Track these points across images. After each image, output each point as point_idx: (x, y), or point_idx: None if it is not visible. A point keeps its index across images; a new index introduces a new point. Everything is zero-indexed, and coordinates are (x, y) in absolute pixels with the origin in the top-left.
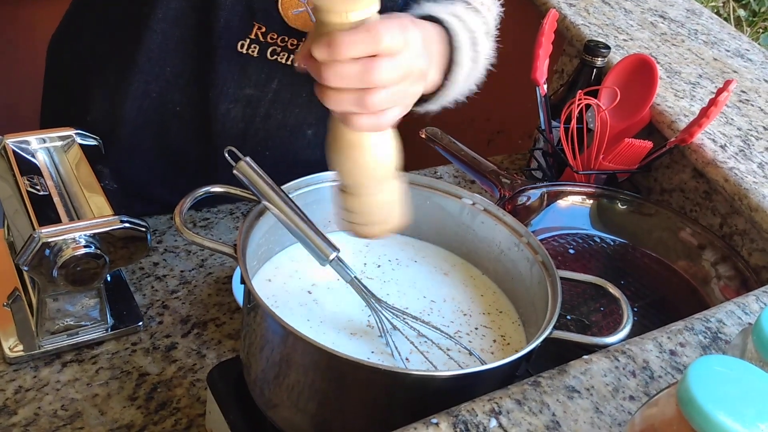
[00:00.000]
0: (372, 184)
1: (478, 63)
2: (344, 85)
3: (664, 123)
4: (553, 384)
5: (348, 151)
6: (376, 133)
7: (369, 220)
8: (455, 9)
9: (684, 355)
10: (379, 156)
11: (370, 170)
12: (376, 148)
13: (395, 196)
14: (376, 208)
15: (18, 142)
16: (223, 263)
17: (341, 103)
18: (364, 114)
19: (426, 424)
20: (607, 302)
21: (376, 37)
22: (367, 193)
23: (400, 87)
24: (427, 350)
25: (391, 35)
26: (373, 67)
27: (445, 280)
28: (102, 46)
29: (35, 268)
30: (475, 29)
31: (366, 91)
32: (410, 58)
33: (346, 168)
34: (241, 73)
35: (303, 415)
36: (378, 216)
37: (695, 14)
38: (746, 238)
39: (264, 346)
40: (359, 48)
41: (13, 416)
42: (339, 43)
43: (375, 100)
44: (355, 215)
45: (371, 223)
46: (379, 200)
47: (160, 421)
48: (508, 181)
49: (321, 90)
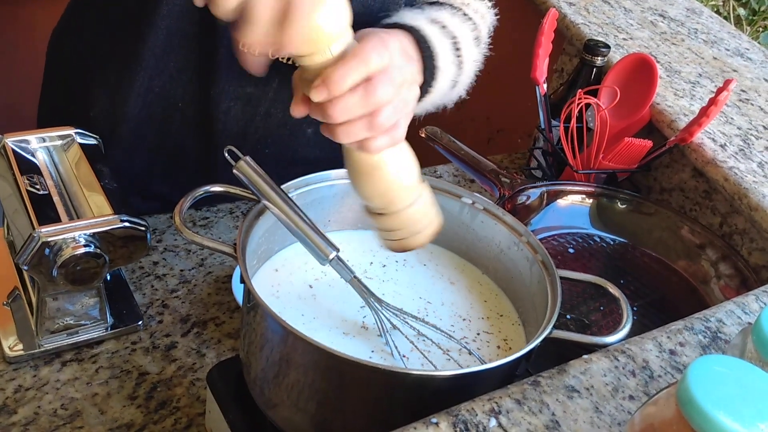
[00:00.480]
0: (403, 197)
1: (464, 68)
2: (352, 116)
3: (663, 122)
4: (553, 383)
5: (372, 175)
6: (393, 148)
7: (410, 231)
8: (439, 15)
9: (684, 354)
10: (401, 169)
11: (397, 186)
12: (397, 163)
13: (427, 200)
14: (414, 218)
15: (18, 142)
16: (222, 262)
17: (353, 133)
18: (378, 135)
19: (426, 423)
20: (607, 302)
21: (365, 60)
22: (402, 208)
23: (400, 97)
24: (427, 350)
25: (377, 53)
26: (373, 89)
27: (445, 282)
28: (104, 42)
29: (35, 268)
30: (459, 35)
31: (373, 113)
32: (399, 68)
33: (375, 191)
34: (242, 72)
35: (303, 415)
36: (418, 225)
37: (695, 13)
38: (746, 237)
39: (264, 346)
40: (354, 77)
41: (12, 415)
42: (335, 80)
43: (384, 119)
44: (397, 232)
45: (414, 233)
46: (414, 210)
47: (159, 420)
48: (508, 181)
49: (329, 128)
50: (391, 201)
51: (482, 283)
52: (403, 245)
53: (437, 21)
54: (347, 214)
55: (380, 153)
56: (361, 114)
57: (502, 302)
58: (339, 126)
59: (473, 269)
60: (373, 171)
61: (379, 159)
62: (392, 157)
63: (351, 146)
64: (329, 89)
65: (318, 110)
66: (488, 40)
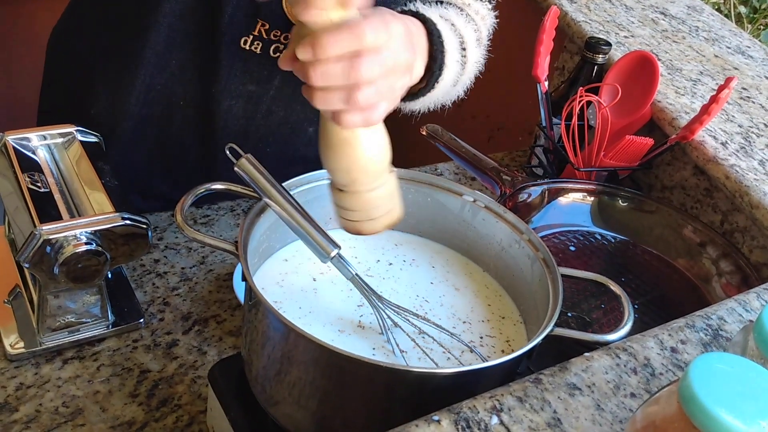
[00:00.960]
0: (366, 179)
1: (466, 68)
2: (330, 83)
3: (665, 120)
4: (555, 381)
5: (340, 149)
6: (367, 129)
7: (367, 215)
8: (446, 12)
9: (685, 352)
10: (371, 151)
11: (363, 166)
12: (368, 144)
13: (390, 190)
14: (373, 204)
15: (18, 139)
16: (223, 260)
17: (329, 101)
18: (352, 111)
19: (428, 421)
20: (608, 299)
21: (359, 35)
22: (362, 190)
23: (386, 82)
24: (428, 347)
25: (374, 31)
26: (357, 64)
27: (445, 279)
28: (105, 40)
29: (36, 265)
30: (465, 35)
31: (353, 87)
32: (395, 52)
33: (339, 166)
34: (244, 70)
35: (304, 412)
36: (375, 211)
37: (696, 11)
38: (747, 235)
39: (265, 343)
40: (343, 46)
41: (14, 413)
42: (323, 43)
43: (362, 97)
44: (353, 212)
45: (369, 219)
46: (374, 195)
47: (161, 417)
48: (509, 178)
49: (308, 90)
50: (353, 180)
51: (483, 281)
52: (356, 227)
53: (447, 19)
54: None
55: (352, 130)
56: (341, 85)
57: (503, 300)
58: (317, 90)
59: (474, 267)
60: (341, 145)
61: (350, 135)
62: (364, 137)
63: (326, 115)
64: (314, 50)
65: (300, 68)
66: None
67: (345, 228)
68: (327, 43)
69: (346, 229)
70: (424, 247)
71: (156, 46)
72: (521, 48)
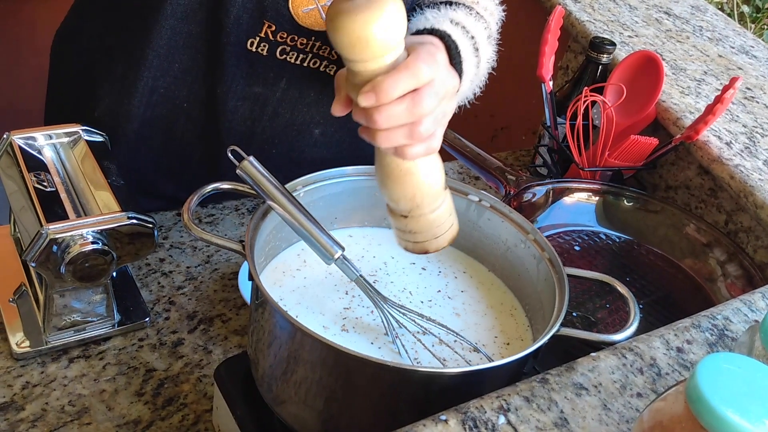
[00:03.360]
0: (429, 202)
1: (480, 68)
2: (395, 124)
3: (669, 120)
4: (561, 381)
5: (403, 180)
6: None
7: (431, 235)
8: (456, 15)
9: (691, 352)
10: (432, 176)
11: (425, 191)
12: (428, 169)
13: (449, 206)
14: (436, 223)
15: (24, 139)
16: (228, 259)
17: (393, 140)
18: (416, 144)
19: (435, 420)
20: (613, 299)
21: (416, 73)
22: (426, 213)
23: (440, 109)
24: (434, 347)
25: (428, 66)
26: (419, 101)
27: (451, 279)
28: (109, 41)
29: (42, 264)
30: (477, 35)
31: (414, 123)
32: (444, 81)
33: (404, 195)
34: (250, 71)
35: (310, 411)
36: (439, 230)
37: (700, 10)
38: (752, 235)
39: (272, 342)
40: (404, 87)
41: (21, 411)
42: (384, 88)
43: (424, 129)
44: (418, 234)
45: (433, 237)
46: (437, 215)
47: (167, 416)
48: (514, 178)
49: (369, 132)
50: (417, 205)
51: (489, 281)
52: (422, 248)
53: (457, 22)
54: (354, 212)
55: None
56: (404, 122)
57: (508, 300)
58: (380, 131)
59: (480, 267)
60: (404, 176)
61: (412, 165)
62: (424, 163)
63: (387, 151)
64: (378, 96)
65: (362, 114)
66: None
67: (410, 250)
68: (390, 88)
69: (411, 251)
70: None
71: (159, 49)
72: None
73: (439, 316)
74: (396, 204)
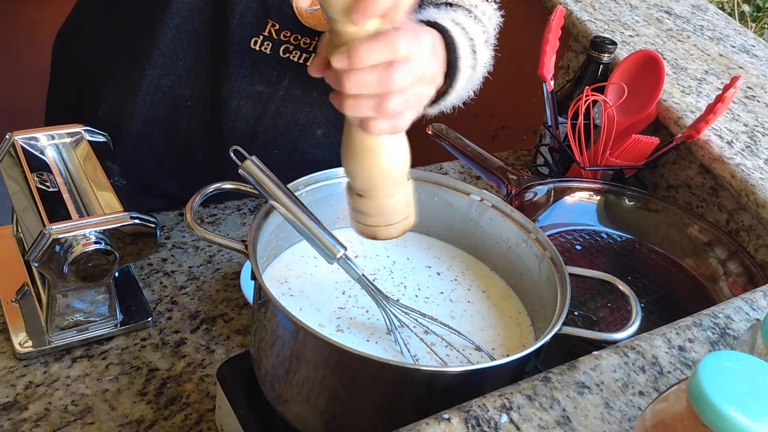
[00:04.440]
0: (387, 186)
1: (477, 70)
2: (364, 92)
3: (670, 119)
4: (563, 380)
5: (364, 155)
6: (391, 137)
7: (383, 221)
8: (456, 16)
9: (693, 350)
10: (393, 159)
11: (385, 173)
12: (391, 151)
13: (408, 197)
14: (391, 210)
15: (27, 139)
16: (230, 259)
17: (359, 108)
18: (381, 118)
19: (438, 419)
20: (615, 298)
21: (394, 45)
22: (381, 196)
23: (415, 91)
24: (436, 346)
25: (408, 41)
26: (391, 73)
27: (452, 279)
28: (112, 40)
29: (45, 264)
30: (475, 37)
31: (384, 96)
32: (423, 63)
33: (362, 172)
34: (253, 70)
35: (313, 411)
36: (393, 217)
37: (700, 10)
38: (753, 234)
39: (274, 342)
40: (378, 56)
41: (24, 411)
42: (359, 53)
43: (392, 105)
44: (370, 218)
45: (385, 224)
46: (392, 202)
47: (170, 416)
48: (515, 177)
49: (338, 97)
50: (374, 186)
51: (490, 280)
52: (372, 232)
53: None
54: None
55: (377, 138)
56: (373, 93)
57: (510, 299)
58: (348, 98)
59: (481, 266)
60: (366, 152)
61: (374, 142)
62: (388, 145)
63: (352, 121)
64: (351, 59)
65: (334, 77)
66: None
67: (360, 232)
68: (363, 53)
69: (361, 233)
70: (430, 247)
71: (163, 47)
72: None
73: (440, 315)
74: (353, 180)
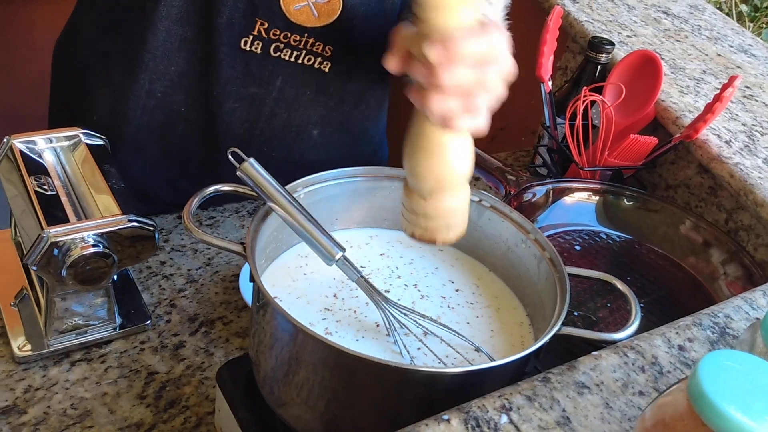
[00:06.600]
0: (449, 188)
1: None
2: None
3: (669, 119)
4: (563, 380)
5: (436, 154)
6: (465, 138)
7: (443, 224)
8: None
9: (692, 350)
10: (464, 160)
11: (456, 173)
12: (462, 152)
13: (467, 200)
14: (453, 213)
15: (25, 142)
16: (229, 261)
17: (447, 104)
18: (468, 116)
19: (437, 420)
20: (614, 298)
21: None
22: (447, 198)
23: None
24: (435, 347)
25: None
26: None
27: (451, 279)
28: (105, 46)
29: (44, 268)
30: None
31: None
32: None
33: (431, 172)
34: (245, 71)
35: (313, 413)
36: (451, 220)
37: (698, 10)
38: (752, 233)
39: (273, 344)
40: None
41: (23, 415)
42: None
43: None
44: (432, 221)
45: (444, 228)
46: (451, 206)
47: (169, 419)
48: (514, 178)
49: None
50: (441, 187)
51: (489, 281)
52: (431, 236)
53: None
54: (355, 212)
55: (452, 137)
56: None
57: (509, 300)
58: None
59: (480, 267)
60: (438, 151)
61: (448, 141)
62: (460, 145)
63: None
64: (449, 51)
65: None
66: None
67: (417, 236)
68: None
69: (418, 237)
70: (429, 248)
71: (154, 51)
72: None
73: (439, 316)
74: (419, 181)
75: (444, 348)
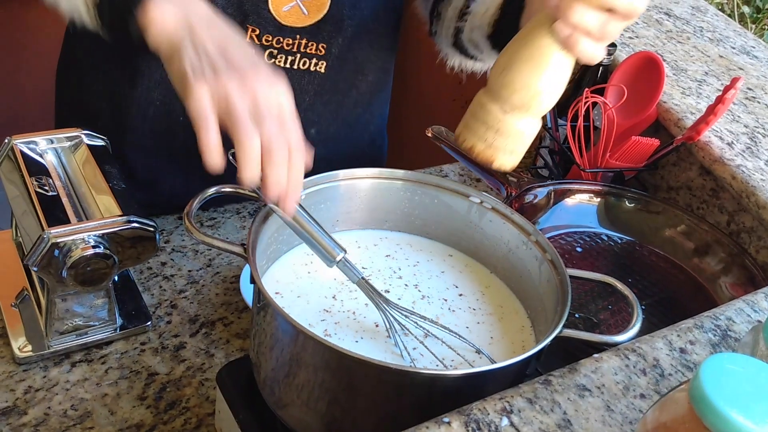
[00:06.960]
0: (535, 109)
1: None
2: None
3: (670, 120)
4: (564, 383)
5: (540, 68)
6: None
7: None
8: None
9: (694, 353)
10: (560, 87)
11: (545, 96)
12: (564, 76)
13: (533, 135)
14: (518, 136)
15: (26, 143)
16: (230, 263)
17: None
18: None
19: (438, 423)
20: (615, 300)
21: None
22: (521, 117)
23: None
24: (436, 350)
25: None
26: None
27: (452, 281)
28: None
29: (44, 269)
30: None
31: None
32: None
33: (526, 83)
34: None
35: (313, 415)
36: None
37: (700, 11)
38: (754, 235)
39: (274, 346)
40: None
41: (23, 416)
42: None
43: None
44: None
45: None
46: (524, 130)
47: (169, 420)
48: (515, 180)
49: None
50: (528, 105)
51: (490, 283)
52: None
53: None
54: (355, 214)
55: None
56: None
57: (510, 302)
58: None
59: (481, 269)
60: (551, 65)
61: (564, 60)
62: (566, 71)
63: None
64: None
65: None
66: None
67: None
68: None
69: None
70: (430, 249)
71: (150, 59)
72: None
73: (440, 318)
74: (511, 92)
75: (445, 350)
